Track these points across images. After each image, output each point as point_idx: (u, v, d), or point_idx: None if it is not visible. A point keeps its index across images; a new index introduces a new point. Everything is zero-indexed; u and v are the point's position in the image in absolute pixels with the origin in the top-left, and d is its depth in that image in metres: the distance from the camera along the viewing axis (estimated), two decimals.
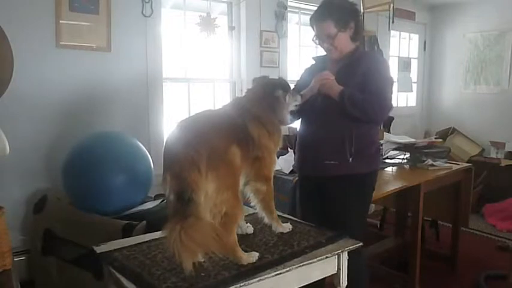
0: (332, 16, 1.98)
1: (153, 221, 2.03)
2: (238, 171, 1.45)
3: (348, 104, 1.91)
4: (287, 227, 1.72)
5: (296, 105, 1.84)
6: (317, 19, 2.04)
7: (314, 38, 2.08)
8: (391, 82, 2.07)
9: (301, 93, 2.07)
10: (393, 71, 5.15)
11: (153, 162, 2.55)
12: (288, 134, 3.73)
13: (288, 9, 3.99)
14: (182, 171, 1.29)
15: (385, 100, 1.99)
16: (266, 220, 1.69)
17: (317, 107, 2.03)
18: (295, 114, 2.12)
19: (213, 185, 1.32)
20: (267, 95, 1.65)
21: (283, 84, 1.74)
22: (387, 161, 3.10)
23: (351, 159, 1.98)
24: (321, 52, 2.20)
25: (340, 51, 2.05)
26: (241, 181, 1.55)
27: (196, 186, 1.28)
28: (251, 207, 1.71)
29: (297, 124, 2.26)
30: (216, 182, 1.32)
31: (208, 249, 1.29)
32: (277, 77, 1.81)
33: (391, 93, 2.05)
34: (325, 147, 2.01)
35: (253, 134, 1.53)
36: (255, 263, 1.41)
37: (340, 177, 2.01)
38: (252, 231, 1.70)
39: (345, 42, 2.03)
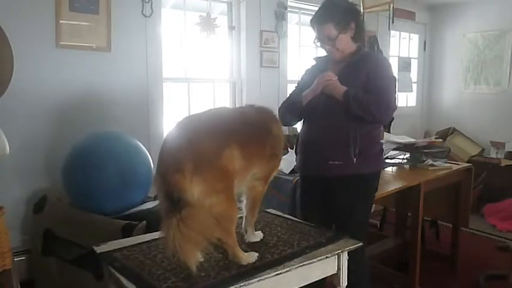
0: (332, 18, 1.98)
1: (153, 221, 2.02)
2: (233, 174, 1.38)
3: (353, 104, 1.91)
4: (259, 236, 1.65)
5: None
6: (317, 22, 2.03)
7: (315, 41, 2.08)
8: (395, 82, 2.07)
9: (304, 93, 2.07)
10: (393, 71, 5.14)
11: (153, 162, 2.55)
12: (288, 134, 3.73)
13: (288, 9, 3.99)
14: (167, 173, 1.27)
15: (390, 101, 1.99)
16: (243, 223, 1.62)
17: (320, 107, 2.02)
18: (298, 116, 2.13)
19: (199, 189, 1.26)
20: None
21: None
22: (387, 161, 3.10)
23: (355, 159, 1.97)
24: (322, 52, 2.20)
25: (342, 52, 2.05)
26: (248, 179, 1.53)
27: (182, 188, 1.24)
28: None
29: (297, 124, 2.26)
30: (202, 186, 1.27)
31: (211, 235, 1.28)
32: None
33: (395, 94, 2.06)
34: (329, 148, 2.01)
35: (275, 131, 1.59)
36: (255, 263, 1.41)
37: (344, 178, 2.00)
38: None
39: (346, 43, 2.03)
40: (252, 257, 1.43)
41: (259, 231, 1.68)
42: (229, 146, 1.36)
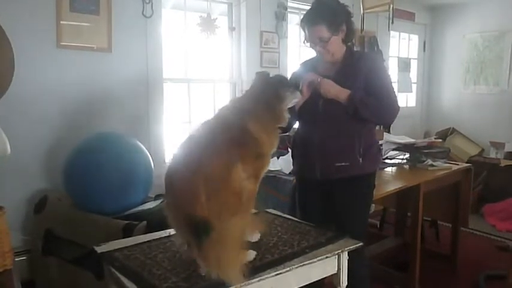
0: (324, 20, 1.95)
1: (154, 221, 2.03)
2: (241, 192, 1.39)
3: (360, 108, 1.90)
4: (256, 237, 1.62)
5: (295, 102, 1.80)
6: (309, 23, 2.00)
7: (305, 41, 2.06)
8: (392, 83, 2.08)
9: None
10: (393, 71, 5.16)
11: (153, 162, 2.56)
12: (288, 134, 3.72)
13: (288, 9, 4.00)
14: (186, 208, 1.29)
15: (395, 102, 2.00)
16: None
17: (319, 110, 2.00)
18: (293, 118, 2.10)
19: (216, 214, 1.28)
20: (266, 93, 1.62)
21: (282, 81, 1.72)
22: (387, 161, 3.11)
23: (360, 159, 1.98)
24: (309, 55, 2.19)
25: (333, 54, 2.02)
26: None
27: (202, 217, 1.27)
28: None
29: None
30: (217, 208, 1.29)
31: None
32: (276, 74, 1.78)
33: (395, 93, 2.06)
34: (335, 150, 2.00)
35: (255, 133, 1.48)
36: (255, 263, 1.41)
37: (349, 178, 2.00)
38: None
39: (337, 45, 2.01)
40: (250, 254, 1.43)
41: (257, 232, 1.67)
42: (235, 165, 1.37)
